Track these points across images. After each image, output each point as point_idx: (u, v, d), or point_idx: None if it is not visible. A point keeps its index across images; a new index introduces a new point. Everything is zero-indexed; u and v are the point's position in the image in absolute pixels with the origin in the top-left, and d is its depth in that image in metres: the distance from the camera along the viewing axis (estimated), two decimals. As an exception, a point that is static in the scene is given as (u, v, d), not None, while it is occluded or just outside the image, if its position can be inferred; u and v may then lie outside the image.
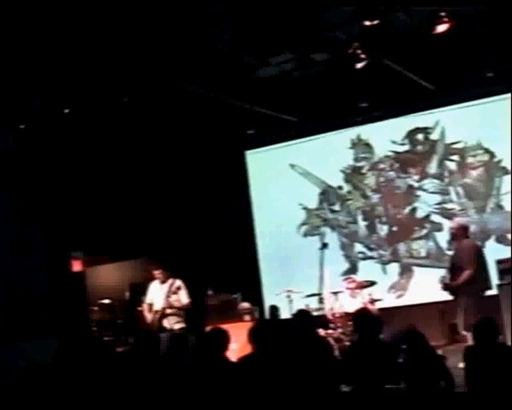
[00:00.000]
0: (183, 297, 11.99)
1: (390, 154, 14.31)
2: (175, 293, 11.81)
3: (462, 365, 7.41)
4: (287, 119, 14.10)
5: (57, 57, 10.18)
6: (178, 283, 12.02)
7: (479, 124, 13.41)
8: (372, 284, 12.36)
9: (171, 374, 7.45)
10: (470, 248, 10.91)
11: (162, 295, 11.92)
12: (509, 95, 12.84)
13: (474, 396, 6.72)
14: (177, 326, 11.69)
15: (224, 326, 8.07)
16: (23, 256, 12.40)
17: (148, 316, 12.06)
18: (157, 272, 12.19)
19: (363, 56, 10.89)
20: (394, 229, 14.28)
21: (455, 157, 13.76)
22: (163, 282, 12.10)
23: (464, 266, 10.57)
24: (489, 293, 11.24)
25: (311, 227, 14.97)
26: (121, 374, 7.83)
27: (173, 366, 7.83)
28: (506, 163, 13.17)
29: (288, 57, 11.57)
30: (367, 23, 9.61)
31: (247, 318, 12.71)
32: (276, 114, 13.74)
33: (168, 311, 11.79)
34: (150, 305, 12.16)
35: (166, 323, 11.75)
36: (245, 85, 12.33)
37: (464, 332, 10.38)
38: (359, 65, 11.02)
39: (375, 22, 9.58)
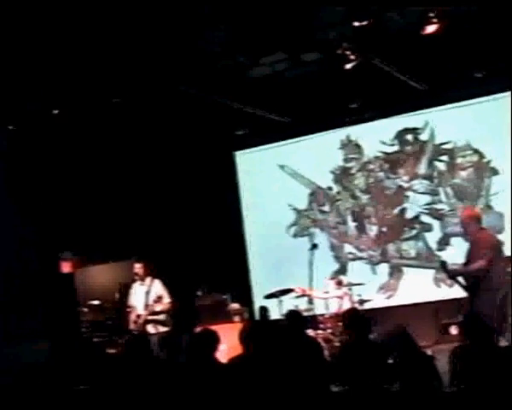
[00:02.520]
0: (164, 304, 11.81)
1: (379, 154, 14.33)
2: (157, 302, 11.66)
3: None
4: (276, 119, 14.10)
5: (50, 59, 10.16)
6: (158, 288, 11.83)
7: (468, 124, 13.44)
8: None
9: (161, 375, 7.43)
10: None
11: (141, 300, 11.80)
12: (498, 95, 12.90)
13: (464, 396, 6.72)
14: (162, 330, 11.58)
15: (214, 327, 8.06)
16: (14, 257, 12.36)
17: (132, 320, 11.92)
18: (138, 266, 12.00)
19: (352, 57, 10.90)
20: (384, 229, 14.30)
21: (444, 158, 13.79)
22: (142, 280, 11.96)
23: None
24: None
25: (300, 228, 14.98)
26: (112, 375, 7.82)
27: (163, 367, 7.81)
28: (495, 164, 13.21)
29: (280, 57, 11.57)
30: (358, 23, 9.62)
31: (237, 319, 12.72)
32: (266, 114, 13.74)
33: (150, 317, 11.67)
34: (133, 308, 12.02)
35: (151, 328, 11.64)
36: (236, 86, 12.32)
37: None
38: (348, 65, 11.03)
39: (366, 22, 9.59)
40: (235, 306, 13.12)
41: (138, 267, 12.01)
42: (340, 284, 12.32)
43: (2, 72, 10.31)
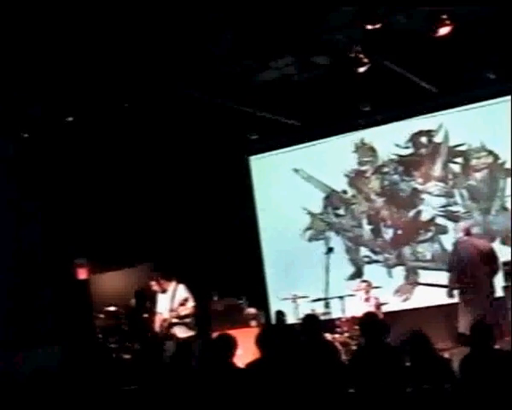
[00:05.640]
0: (190, 307, 11.81)
1: (394, 157, 14.30)
2: (183, 305, 11.66)
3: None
4: (289, 123, 14.10)
5: (57, 65, 10.21)
6: (183, 292, 11.81)
7: (482, 126, 13.40)
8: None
9: (178, 381, 7.44)
10: None
11: (166, 305, 11.80)
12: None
13: (477, 399, 6.69)
14: (185, 335, 11.56)
15: (231, 332, 8.08)
16: (27, 264, 12.42)
17: (157, 325, 11.91)
18: (153, 284, 12.02)
19: (365, 60, 10.89)
20: (399, 232, 14.27)
21: (459, 159, 13.75)
22: (163, 291, 11.96)
23: None
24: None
25: (315, 232, 14.96)
26: (127, 380, 7.85)
27: (179, 372, 7.83)
28: (510, 165, 13.15)
29: (290, 61, 11.58)
30: (368, 27, 9.60)
31: (253, 323, 12.70)
32: (279, 118, 13.74)
33: (175, 320, 11.67)
34: (158, 314, 12.01)
35: (175, 331, 11.63)
36: (246, 90, 12.33)
37: None
38: (361, 69, 11.02)
39: (377, 26, 9.57)
40: (252, 310, 13.11)
41: (154, 285, 11.99)
42: (369, 286, 12.38)
43: (10, 79, 10.37)
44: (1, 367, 10.60)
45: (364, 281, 12.76)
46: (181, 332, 11.54)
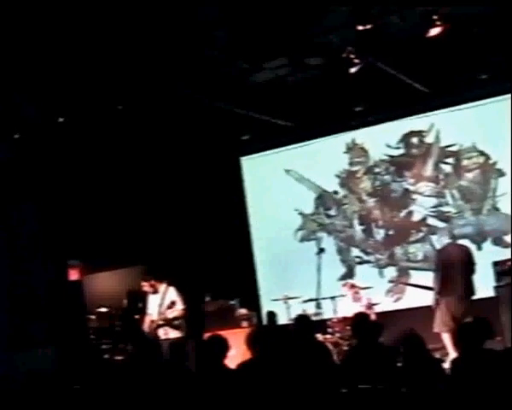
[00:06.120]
0: (178, 310, 11.83)
1: (385, 157, 14.32)
2: (170, 307, 11.69)
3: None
4: (281, 124, 14.09)
5: (53, 66, 10.19)
6: (172, 295, 11.84)
7: (473, 126, 13.44)
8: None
9: (171, 382, 7.43)
10: None
11: (156, 306, 11.83)
12: (503, 97, 12.88)
13: (468, 400, 6.68)
14: (172, 336, 11.56)
15: (223, 333, 8.06)
16: (21, 266, 12.38)
17: (146, 327, 11.92)
18: (145, 284, 12.08)
19: (356, 61, 10.89)
20: (391, 233, 14.28)
21: (450, 160, 13.77)
22: (154, 293, 11.98)
23: None
24: (484, 295, 11.38)
25: (307, 232, 14.96)
26: (121, 382, 7.82)
27: (172, 373, 7.81)
28: (501, 165, 13.19)
29: (283, 62, 11.57)
30: (361, 27, 9.61)
31: (245, 324, 12.70)
32: (271, 119, 13.74)
33: (162, 322, 11.68)
34: (148, 315, 12.04)
35: (162, 333, 11.65)
36: (239, 91, 12.33)
37: None
38: (353, 69, 11.02)
39: (369, 26, 9.58)
40: (244, 311, 13.11)
41: (146, 286, 12.02)
42: (353, 287, 12.41)
43: (5, 80, 10.35)
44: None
45: (345, 284, 12.77)
46: (168, 334, 11.56)
